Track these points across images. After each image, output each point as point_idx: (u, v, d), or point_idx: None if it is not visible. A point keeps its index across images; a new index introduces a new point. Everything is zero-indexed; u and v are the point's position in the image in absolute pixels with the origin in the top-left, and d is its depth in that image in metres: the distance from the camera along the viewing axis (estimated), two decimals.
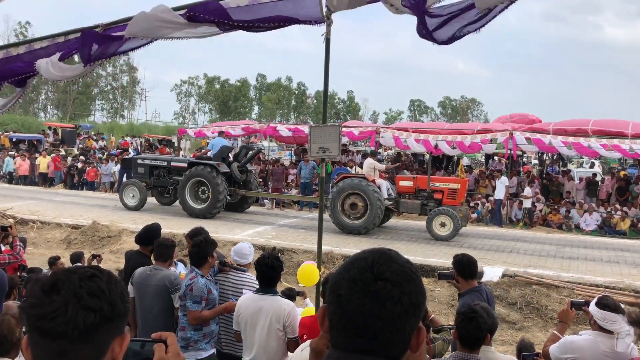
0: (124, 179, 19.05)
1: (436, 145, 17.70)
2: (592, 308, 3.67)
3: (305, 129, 18.15)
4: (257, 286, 4.11)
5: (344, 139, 18.56)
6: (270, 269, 3.93)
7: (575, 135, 16.16)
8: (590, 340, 3.58)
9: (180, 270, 5.42)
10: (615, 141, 15.52)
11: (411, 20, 3.17)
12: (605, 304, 3.64)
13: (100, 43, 3.83)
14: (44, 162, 22.14)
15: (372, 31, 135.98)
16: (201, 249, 4.33)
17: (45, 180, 22.02)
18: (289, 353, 3.91)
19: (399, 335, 1.14)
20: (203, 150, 18.19)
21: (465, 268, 4.13)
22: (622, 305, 3.83)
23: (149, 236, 5.16)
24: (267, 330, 3.85)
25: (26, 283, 5.09)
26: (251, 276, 4.51)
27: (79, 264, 6.57)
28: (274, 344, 3.87)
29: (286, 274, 9.22)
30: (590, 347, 3.53)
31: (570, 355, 3.59)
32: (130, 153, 22.29)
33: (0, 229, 5.40)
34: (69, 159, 23.85)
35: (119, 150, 24.85)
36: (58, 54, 4.11)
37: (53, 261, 6.90)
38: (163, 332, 1.44)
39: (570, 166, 25.37)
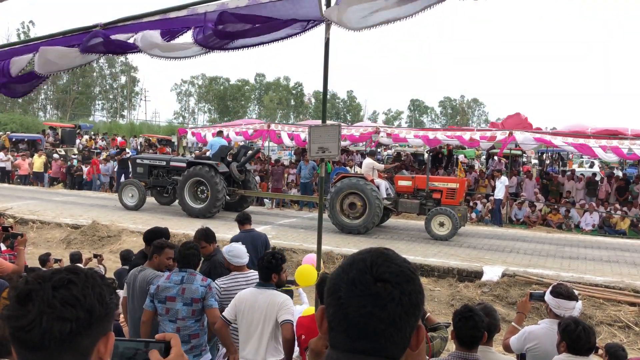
0: (122, 179, 19.07)
1: (434, 138, 17.79)
2: (547, 297, 3.80)
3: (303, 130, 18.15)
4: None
5: (346, 142, 18.55)
6: (268, 264, 4.11)
7: (574, 136, 16.19)
8: (546, 329, 3.71)
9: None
10: (615, 142, 15.53)
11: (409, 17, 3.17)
12: (559, 292, 3.76)
13: (104, 45, 3.85)
14: (38, 162, 22.21)
15: (371, 29, 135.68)
16: (196, 253, 4.41)
17: (39, 180, 22.07)
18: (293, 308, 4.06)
19: (400, 335, 1.14)
20: (202, 150, 18.19)
21: (242, 219, 6.82)
22: (576, 292, 3.94)
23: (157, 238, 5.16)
24: (262, 322, 3.98)
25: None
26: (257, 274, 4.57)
27: (58, 266, 6.55)
28: (267, 336, 3.98)
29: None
30: (547, 334, 3.66)
31: (529, 344, 3.72)
32: (128, 153, 22.29)
33: (2, 229, 5.39)
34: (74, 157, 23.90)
35: (116, 150, 24.84)
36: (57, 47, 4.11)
37: (45, 258, 6.89)
38: (167, 333, 1.44)
39: (574, 166, 25.36)
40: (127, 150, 25.21)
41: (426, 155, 19.29)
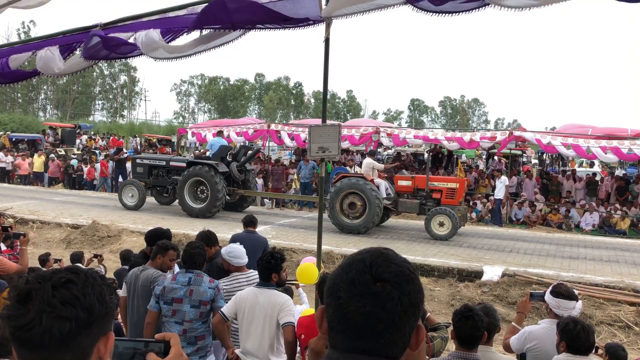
0: (120, 179, 19.05)
1: (435, 138, 17.82)
2: (547, 296, 3.81)
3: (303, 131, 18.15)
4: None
5: (346, 144, 18.55)
6: (267, 264, 4.12)
7: (574, 136, 16.20)
8: (547, 329, 3.72)
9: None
10: (615, 142, 15.53)
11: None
12: (558, 292, 3.77)
13: (105, 46, 3.84)
14: (38, 162, 22.25)
15: (372, 29, 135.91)
16: (203, 253, 4.43)
17: (39, 180, 22.10)
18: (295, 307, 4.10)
19: (399, 335, 1.14)
20: (202, 150, 18.20)
21: (248, 221, 6.94)
22: (576, 292, 3.95)
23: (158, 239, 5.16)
24: (262, 322, 4.01)
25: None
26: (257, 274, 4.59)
27: (57, 266, 6.56)
28: (267, 336, 4.01)
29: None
30: (548, 334, 3.66)
31: (529, 344, 3.73)
32: (125, 153, 22.28)
33: (1, 229, 5.40)
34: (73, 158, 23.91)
35: (114, 150, 24.84)
36: (57, 47, 4.11)
37: (45, 258, 6.89)
38: (166, 333, 1.44)
39: (575, 166, 25.32)
40: (125, 150, 25.20)
41: (426, 155, 19.29)
